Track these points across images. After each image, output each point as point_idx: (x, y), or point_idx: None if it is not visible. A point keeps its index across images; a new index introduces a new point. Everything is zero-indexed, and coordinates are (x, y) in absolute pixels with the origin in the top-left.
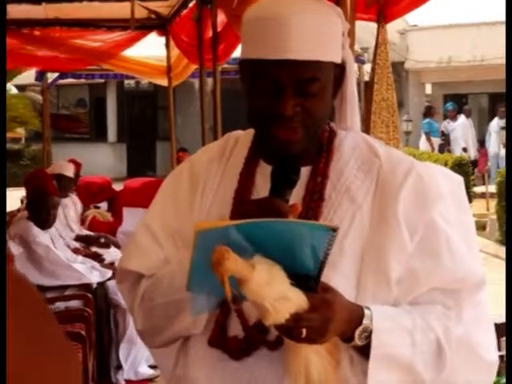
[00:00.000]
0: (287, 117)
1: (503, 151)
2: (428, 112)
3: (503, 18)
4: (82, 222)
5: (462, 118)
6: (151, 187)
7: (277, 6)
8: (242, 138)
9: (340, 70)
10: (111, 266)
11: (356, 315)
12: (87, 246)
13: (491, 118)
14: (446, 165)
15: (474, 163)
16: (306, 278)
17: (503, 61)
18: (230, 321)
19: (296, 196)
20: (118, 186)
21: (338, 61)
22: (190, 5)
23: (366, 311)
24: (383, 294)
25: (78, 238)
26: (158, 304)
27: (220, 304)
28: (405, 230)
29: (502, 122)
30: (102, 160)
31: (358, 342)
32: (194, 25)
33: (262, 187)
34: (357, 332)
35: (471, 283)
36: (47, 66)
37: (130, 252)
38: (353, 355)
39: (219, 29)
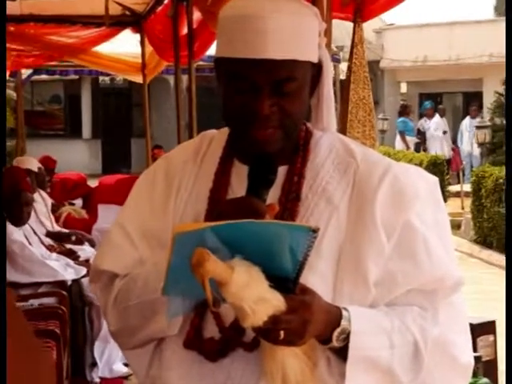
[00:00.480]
0: (264, 116)
1: (477, 150)
2: (403, 111)
3: (478, 17)
4: (57, 218)
5: (436, 117)
6: (126, 184)
7: (253, 4)
8: (217, 137)
9: (317, 69)
10: (86, 263)
11: (334, 317)
12: (59, 242)
13: (465, 117)
14: (421, 164)
15: (449, 162)
16: (285, 280)
17: (478, 60)
18: (205, 322)
19: (272, 196)
20: (92, 183)
21: (315, 60)
22: (166, 1)
23: (344, 312)
24: (360, 296)
25: (49, 235)
26: (132, 305)
27: (195, 306)
28: (382, 232)
29: (475, 121)
30: (77, 156)
31: (335, 343)
32: (169, 22)
33: (237, 187)
34: (335, 333)
35: (448, 284)
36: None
37: (104, 251)
38: (330, 357)
39: (194, 26)
